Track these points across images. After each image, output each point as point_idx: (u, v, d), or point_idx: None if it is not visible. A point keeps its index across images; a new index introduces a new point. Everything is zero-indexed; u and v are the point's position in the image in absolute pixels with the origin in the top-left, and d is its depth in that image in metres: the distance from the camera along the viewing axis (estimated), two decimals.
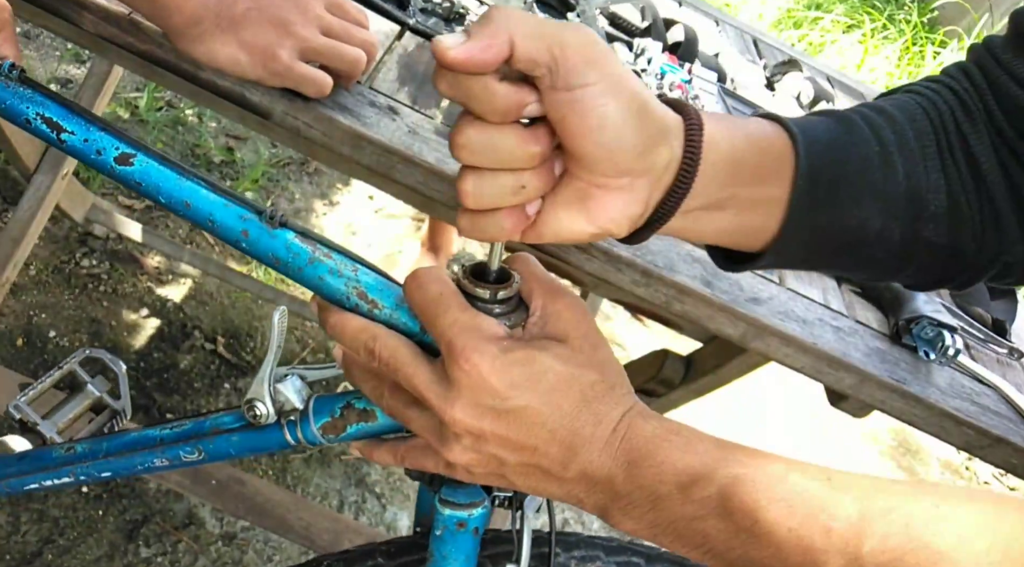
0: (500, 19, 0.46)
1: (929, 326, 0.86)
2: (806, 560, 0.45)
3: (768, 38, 1.62)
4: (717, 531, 0.47)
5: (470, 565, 0.69)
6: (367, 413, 0.63)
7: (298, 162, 2.39)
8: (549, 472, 0.51)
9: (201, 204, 0.61)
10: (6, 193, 1.89)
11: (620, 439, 0.50)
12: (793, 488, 0.47)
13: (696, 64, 1.16)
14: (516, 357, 0.50)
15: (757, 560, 0.46)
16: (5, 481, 0.77)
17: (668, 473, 0.49)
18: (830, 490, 0.46)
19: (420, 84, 0.87)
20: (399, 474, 1.79)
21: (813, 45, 3.79)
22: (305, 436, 0.66)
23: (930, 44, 4.04)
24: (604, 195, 0.51)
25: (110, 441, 0.75)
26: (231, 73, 0.73)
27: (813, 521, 0.45)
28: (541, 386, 0.50)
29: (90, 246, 1.89)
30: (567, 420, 0.50)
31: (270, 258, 0.60)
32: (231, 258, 2.03)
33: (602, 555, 0.78)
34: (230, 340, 1.87)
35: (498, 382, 0.50)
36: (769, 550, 0.46)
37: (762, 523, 0.46)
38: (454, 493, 0.66)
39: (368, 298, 0.58)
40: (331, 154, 0.78)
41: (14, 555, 1.39)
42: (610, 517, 0.51)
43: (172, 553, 1.49)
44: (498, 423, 0.50)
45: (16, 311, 1.71)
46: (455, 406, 0.51)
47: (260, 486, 1.37)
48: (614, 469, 0.50)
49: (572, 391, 0.51)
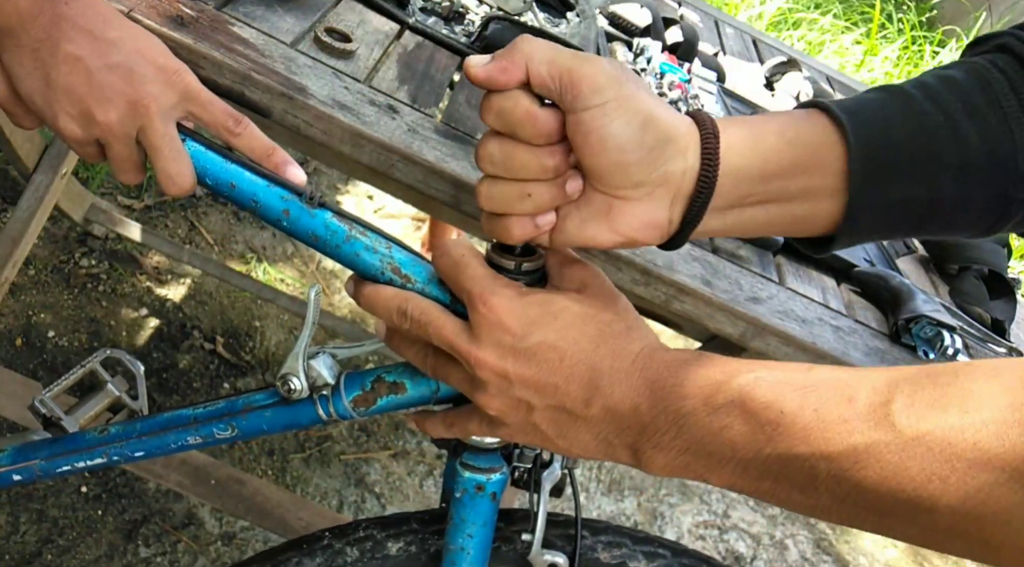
0: (522, 47, 0.52)
1: (928, 325, 0.86)
2: (834, 435, 0.44)
3: (767, 38, 1.62)
4: (743, 436, 0.47)
5: (487, 530, 0.73)
6: (397, 385, 0.67)
7: (298, 162, 2.39)
8: (574, 413, 0.52)
9: (245, 185, 0.65)
10: (5, 193, 1.89)
11: (640, 370, 0.51)
12: (816, 376, 0.47)
13: (696, 63, 1.16)
14: (533, 299, 0.54)
15: (787, 454, 0.46)
16: (38, 464, 0.79)
17: (690, 388, 0.49)
18: (852, 373, 0.46)
19: (420, 83, 0.87)
20: (399, 474, 1.79)
21: (812, 45, 3.79)
22: (337, 410, 0.68)
23: (929, 44, 4.04)
24: (624, 205, 0.55)
25: (144, 421, 0.76)
26: (15, 114, 0.62)
27: (838, 397, 0.45)
28: (558, 323, 0.53)
29: (89, 246, 1.89)
30: (585, 355, 0.52)
31: (309, 236, 0.64)
32: (230, 258, 2.03)
33: (628, 543, 0.80)
34: (229, 340, 1.87)
35: (515, 321, 0.53)
36: (797, 438, 0.45)
37: (787, 413, 0.46)
38: (475, 458, 0.71)
39: (402, 273, 0.62)
40: (331, 153, 0.78)
41: (13, 555, 1.39)
42: (642, 456, 0.51)
43: (172, 553, 1.49)
44: (519, 362, 0.52)
45: (15, 311, 1.71)
46: (479, 348, 0.53)
47: (260, 486, 1.37)
48: (637, 399, 0.51)
49: (589, 328, 0.53)
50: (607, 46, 1.10)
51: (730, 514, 2.08)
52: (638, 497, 2.00)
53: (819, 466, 0.45)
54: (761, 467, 0.47)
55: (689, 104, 1.06)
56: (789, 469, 0.46)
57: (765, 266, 0.90)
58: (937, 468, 0.41)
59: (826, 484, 0.45)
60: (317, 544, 0.76)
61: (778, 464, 0.46)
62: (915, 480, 0.42)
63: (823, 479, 0.45)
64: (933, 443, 0.41)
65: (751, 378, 0.48)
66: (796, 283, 0.90)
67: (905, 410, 0.43)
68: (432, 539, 0.76)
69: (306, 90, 0.76)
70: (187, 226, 2.05)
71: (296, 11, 0.87)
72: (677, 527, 1.98)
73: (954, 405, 0.42)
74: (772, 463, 0.46)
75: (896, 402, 0.43)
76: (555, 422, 0.53)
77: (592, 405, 0.52)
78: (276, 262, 2.10)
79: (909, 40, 4.03)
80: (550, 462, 0.74)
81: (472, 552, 0.72)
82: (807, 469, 0.45)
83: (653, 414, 0.50)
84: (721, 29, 1.50)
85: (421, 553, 0.76)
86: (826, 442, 0.44)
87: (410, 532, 0.76)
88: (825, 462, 0.44)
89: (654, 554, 0.79)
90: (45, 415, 0.77)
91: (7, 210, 1.82)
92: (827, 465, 0.44)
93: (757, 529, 2.08)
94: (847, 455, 0.44)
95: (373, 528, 0.77)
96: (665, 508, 2.00)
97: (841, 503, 0.45)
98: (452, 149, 0.80)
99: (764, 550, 2.04)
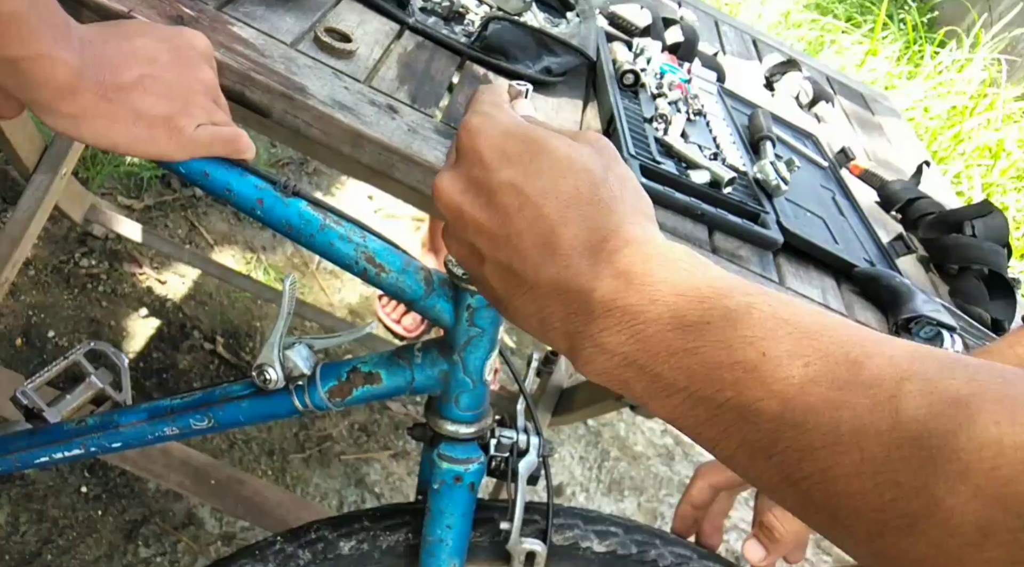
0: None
1: (928, 326, 0.86)
2: (818, 401, 0.34)
3: (767, 38, 1.62)
4: (707, 368, 0.37)
5: (466, 521, 0.73)
6: (372, 376, 0.67)
7: (297, 162, 2.39)
8: (521, 276, 0.44)
9: (219, 174, 0.64)
10: (5, 193, 1.89)
11: (610, 251, 0.42)
12: (825, 322, 0.37)
13: (695, 63, 1.16)
14: (519, 132, 0.46)
15: (750, 406, 0.36)
16: (16, 455, 0.79)
17: (663, 291, 0.40)
18: (871, 334, 0.37)
19: (419, 83, 0.87)
20: (399, 474, 1.79)
21: (812, 45, 3.79)
22: (313, 401, 0.69)
23: (929, 44, 4.04)
24: None
25: (121, 412, 0.76)
26: (134, 154, 0.61)
27: (842, 355, 0.35)
28: (533, 166, 0.44)
29: (89, 246, 1.89)
30: (549, 211, 0.43)
31: (283, 225, 0.64)
32: (230, 258, 2.03)
33: (580, 524, 0.81)
34: (229, 340, 1.87)
35: (490, 152, 0.45)
36: (769, 392, 0.35)
37: (770, 358, 0.36)
38: (452, 448, 0.70)
39: (375, 262, 0.62)
40: (330, 153, 0.78)
41: (13, 555, 1.39)
42: (580, 353, 0.42)
43: (171, 553, 1.49)
44: (477, 201, 0.45)
45: (15, 311, 1.71)
46: (443, 175, 0.47)
47: (259, 486, 1.37)
48: (594, 282, 0.41)
49: (566, 181, 0.44)
50: (607, 46, 1.10)
51: (730, 514, 2.07)
52: (638, 497, 2.00)
53: (784, 433, 0.35)
54: (714, 411, 0.37)
55: (689, 104, 1.07)
56: (746, 425, 0.36)
57: (765, 266, 0.90)
58: (931, 483, 0.30)
59: (783, 457, 0.35)
60: (269, 549, 0.76)
61: (735, 414, 0.36)
62: (901, 488, 0.31)
63: (782, 449, 0.35)
64: (943, 451, 0.30)
65: (743, 302, 0.38)
66: (796, 283, 0.90)
67: (917, 397, 0.32)
68: (384, 535, 0.77)
69: (306, 90, 0.76)
70: (187, 226, 2.05)
71: (296, 11, 0.87)
72: None
73: (988, 405, 0.31)
74: (729, 411, 0.37)
75: (911, 383, 0.33)
76: (503, 281, 0.45)
77: (541, 273, 0.43)
78: (276, 262, 2.10)
79: (910, 40, 4.03)
80: (526, 451, 0.74)
81: (451, 543, 0.72)
82: (768, 431, 0.35)
83: (607, 307, 0.40)
84: (721, 29, 1.50)
85: (373, 550, 0.76)
86: (805, 408, 0.34)
87: (361, 530, 0.77)
88: (793, 431, 0.34)
89: (606, 532, 0.80)
90: (27, 406, 0.77)
91: (7, 210, 1.82)
92: (794, 435, 0.34)
93: None
94: (825, 431, 0.33)
95: (324, 529, 0.77)
96: (665, 508, 2.00)
97: (792, 485, 0.35)
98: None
99: None
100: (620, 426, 2.15)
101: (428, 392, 0.70)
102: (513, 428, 0.75)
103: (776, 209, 0.96)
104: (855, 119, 1.49)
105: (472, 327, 0.65)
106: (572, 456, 2.01)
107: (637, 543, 0.80)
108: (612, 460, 2.05)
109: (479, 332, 0.65)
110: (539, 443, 0.75)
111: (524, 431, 0.75)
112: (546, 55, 0.99)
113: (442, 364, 0.68)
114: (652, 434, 2.17)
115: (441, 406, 0.70)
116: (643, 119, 0.99)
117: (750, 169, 1.00)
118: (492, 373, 0.69)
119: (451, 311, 0.65)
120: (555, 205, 0.43)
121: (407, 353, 0.69)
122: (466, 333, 0.65)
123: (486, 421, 0.72)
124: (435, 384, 0.68)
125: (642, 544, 0.81)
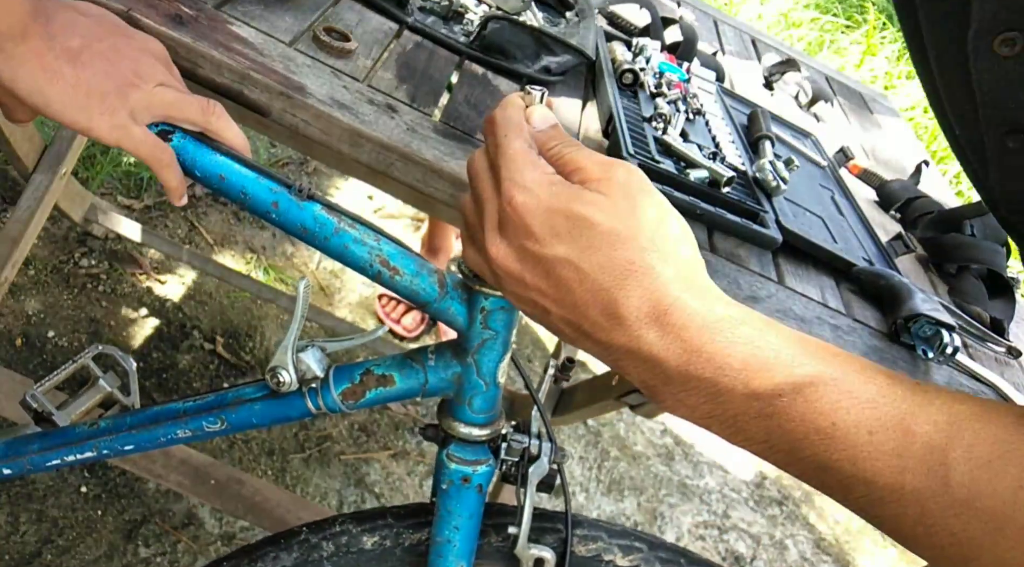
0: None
1: (927, 324, 0.86)
2: (884, 467, 0.42)
3: (767, 37, 1.62)
4: (785, 431, 0.44)
5: (474, 523, 0.73)
6: (386, 378, 0.67)
7: (297, 162, 2.39)
8: (592, 336, 0.48)
9: (234, 178, 0.65)
10: (5, 193, 1.89)
11: (673, 324, 0.45)
12: (879, 390, 0.43)
13: (694, 63, 1.16)
14: (561, 207, 0.48)
15: (827, 464, 0.43)
16: (28, 458, 0.79)
17: (734, 367, 0.44)
18: (917, 394, 0.43)
19: (418, 82, 0.87)
20: (399, 474, 1.79)
21: (811, 45, 3.79)
22: (326, 403, 0.69)
23: None
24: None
25: (133, 415, 0.77)
26: (62, 118, 0.59)
27: (896, 424, 0.42)
28: (583, 240, 0.47)
29: (89, 246, 1.89)
30: (609, 285, 0.46)
31: (298, 228, 0.64)
32: (230, 258, 2.03)
33: (604, 536, 0.80)
34: (229, 340, 1.87)
35: (540, 228, 0.47)
36: (843, 455, 0.43)
37: (840, 427, 0.43)
38: (461, 450, 0.70)
39: (390, 265, 0.62)
40: (329, 152, 0.78)
41: (13, 555, 1.39)
42: (661, 401, 0.47)
43: (171, 553, 1.49)
44: (536, 272, 0.48)
45: (15, 311, 1.71)
46: (497, 245, 0.49)
47: (259, 486, 1.37)
48: (666, 353, 0.45)
49: (617, 254, 0.46)
50: (606, 45, 1.10)
51: (730, 514, 2.07)
52: (638, 497, 2.00)
53: (856, 487, 0.43)
54: (793, 460, 0.44)
55: (688, 103, 1.07)
56: (823, 473, 0.44)
57: (764, 265, 0.90)
58: (979, 534, 0.40)
59: (858, 501, 0.43)
60: (294, 539, 0.77)
61: (813, 464, 0.44)
62: (955, 537, 0.40)
63: (856, 497, 0.43)
64: (983, 510, 0.40)
65: (807, 375, 0.44)
66: (795, 282, 0.90)
67: (962, 464, 0.40)
68: (407, 533, 0.77)
69: (305, 89, 0.76)
70: (187, 226, 2.05)
71: (295, 10, 0.87)
72: (677, 527, 1.98)
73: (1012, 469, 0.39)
74: (806, 460, 0.44)
75: (955, 451, 0.41)
76: (574, 333, 0.49)
77: (613, 337, 0.46)
78: (276, 262, 2.10)
79: None
80: (537, 456, 0.74)
81: (459, 544, 0.72)
82: (842, 481, 0.43)
83: (683, 377, 0.45)
84: (720, 29, 1.50)
85: (396, 547, 0.76)
86: (874, 472, 0.42)
87: (385, 527, 0.77)
88: (865, 487, 0.43)
89: (630, 547, 0.80)
90: (36, 410, 0.78)
91: (7, 210, 1.82)
92: (866, 490, 0.43)
93: (757, 529, 2.07)
94: (892, 490, 0.42)
95: (349, 523, 0.77)
96: (665, 508, 2.00)
97: (866, 515, 0.44)
98: (451, 148, 0.80)
99: (764, 550, 2.04)
100: (620, 426, 2.15)
101: (441, 394, 0.70)
102: (526, 433, 0.75)
103: (775, 208, 0.96)
104: (854, 119, 1.49)
105: (486, 330, 0.65)
106: (572, 456, 2.01)
107: (661, 560, 0.80)
108: (612, 460, 2.05)
109: (493, 335, 0.65)
110: (551, 449, 0.74)
111: (537, 436, 0.75)
112: (545, 54, 0.99)
113: (455, 366, 0.67)
114: (652, 434, 2.17)
115: (454, 408, 0.70)
116: (642, 118, 0.99)
117: (749, 168, 1.00)
118: (504, 375, 0.69)
119: (465, 314, 0.65)
120: (612, 278, 0.46)
121: (420, 355, 0.69)
122: (480, 335, 0.65)
123: (498, 424, 0.71)
124: (448, 386, 0.68)
125: (666, 562, 0.80)
